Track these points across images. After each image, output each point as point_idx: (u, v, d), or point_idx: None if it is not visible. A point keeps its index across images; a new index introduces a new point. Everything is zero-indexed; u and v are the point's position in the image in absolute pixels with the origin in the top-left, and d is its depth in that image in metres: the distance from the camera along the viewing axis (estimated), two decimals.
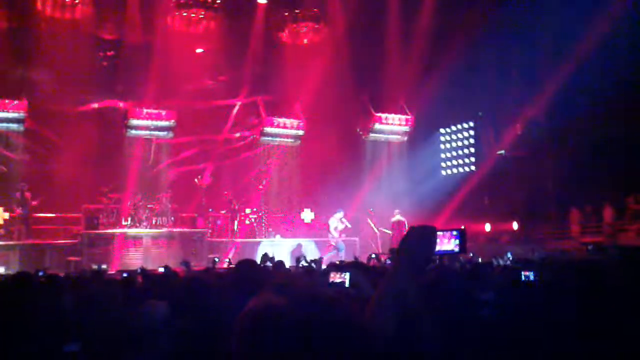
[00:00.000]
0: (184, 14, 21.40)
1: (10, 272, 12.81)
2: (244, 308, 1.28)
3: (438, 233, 2.11)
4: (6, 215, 17.92)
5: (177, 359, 2.88)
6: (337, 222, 19.20)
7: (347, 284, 3.47)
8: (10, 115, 18.50)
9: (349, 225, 19.39)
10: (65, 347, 2.94)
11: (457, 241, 2.26)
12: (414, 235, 2.01)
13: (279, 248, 18.59)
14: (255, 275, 3.86)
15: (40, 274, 9.23)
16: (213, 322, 2.98)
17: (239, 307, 1.44)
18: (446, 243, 2.26)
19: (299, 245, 19.25)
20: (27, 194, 17.87)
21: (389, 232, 20.00)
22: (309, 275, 6.54)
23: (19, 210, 17.71)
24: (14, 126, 18.78)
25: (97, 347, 2.29)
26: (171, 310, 3.08)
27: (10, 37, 19.24)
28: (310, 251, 18.68)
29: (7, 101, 18.34)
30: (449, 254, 2.31)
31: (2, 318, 3.31)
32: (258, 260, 14.29)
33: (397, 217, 19.96)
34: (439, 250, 2.17)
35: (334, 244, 19.21)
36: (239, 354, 1.12)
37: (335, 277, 3.52)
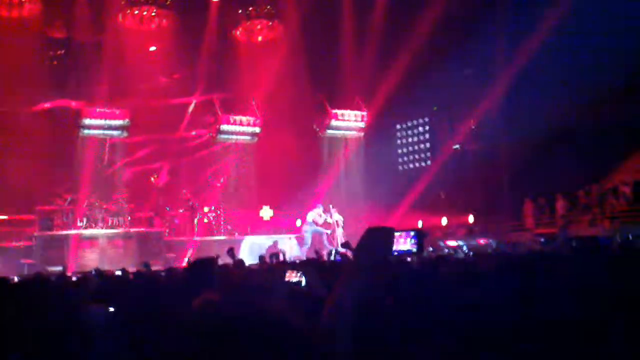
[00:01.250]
0: (136, 12, 21.08)
1: None
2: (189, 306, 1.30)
3: (396, 233, 2.13)
4: None
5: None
6: (315, 215, 19.21)
7: (303, 283, 3.51)
8: None
9: (330, 220, 19.41)
10: (10, 356, 2.89)
11: (414, 241, 2.31)
12: (372, 236, 2.03)
13: (255, 246, 18.67)
14: (209, 274, 3.86)
15: None
16: (167, 321, 2.98)
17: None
18: (403, 243, 2.31)
19: (275, 242, 19.20)
20: None
21: (327, 231, 19.94)
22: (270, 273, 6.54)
23: None
24: None
25: (40, 355, 2.27)
26: (124, 312, 3.08)
27: None
28: (291, 248, 18.78)
29: None
30: (407, 253, 2.36)
31: None
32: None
33: (335, 215, 19.91)
34: (396, 250, 2.21)
35: (305, 235, 19.23)
36: (181, 350, 1.14)
37: (292, 276, 3.57)
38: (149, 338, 2.92)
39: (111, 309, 3.31)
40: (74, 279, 8.99)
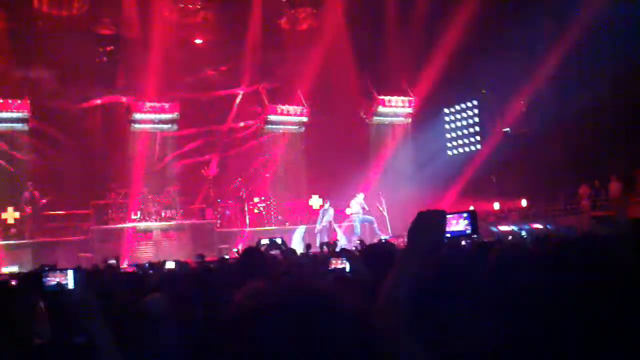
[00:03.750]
0: (181, 6, 21.33)
1: (24, 270, 12.88)
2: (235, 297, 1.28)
3: (448, 216, 2.09)
4: (17, 215, 18.02)
5: (183, 349, 2.92)
6: (357, 204, 19.16)
7: (347, 270, 3.52)
8: (14, 115, 18.58)
9: (367, 208, 19.33)
10: (74, 339, 2.99)
11: (467, 222, 2.25)
12: (423, 219, 2.00)
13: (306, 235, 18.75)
14: (259, 263, 3.87)
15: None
16: (219, 311, 3.00)
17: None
18: (455, 224, 2.25)
19: (320, 231, 19.19)
20: (36, 193, 17.96)
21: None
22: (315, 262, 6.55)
23: (28, 209, 17.80)
24: (18, 126, 18.85)
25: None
26: (178, 301, 3.12)
27: (9, 37, 19.28)
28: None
29: (10, 101, 18.42)
30: (460, 235, 2.30)
31: (17, 315, 3.35)
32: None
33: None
34: (449, 232, 2.16)
35: (354, 225, 19.19)
36: (231, 343, 1.13)
37: (336, 264, 3.57)
38: (202, 325, 2.96)
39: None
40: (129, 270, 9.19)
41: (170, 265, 5.80)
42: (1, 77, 19.33)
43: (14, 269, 15.35)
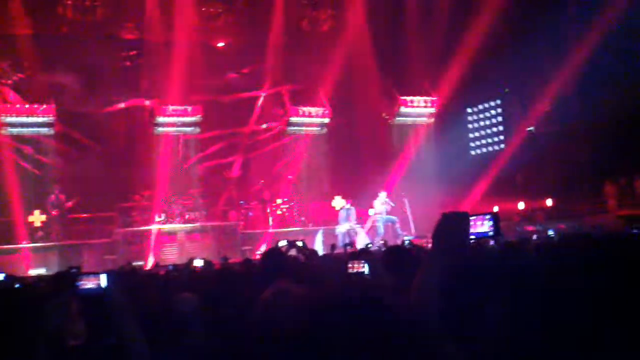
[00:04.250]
0: (203, 9, 21.48)
1: (51, 272, 13.05)
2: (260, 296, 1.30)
3: (471, 218, 2.11)
4: (43, 218, 18.27)
5: (210, 346, 2.95)
6: (380, 204, 19.09)
7: (366, 272, 3.51)
8: (40, 119, 18.86)
9: (393, 204, 19.18)
10: (106, 340, 3.04)
11: (491, 223, 2.26)
12: (447, 221, 2.02)
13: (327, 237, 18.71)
14: (280, 264, 3.89)
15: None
16: (243, 309, 3.03)
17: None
18: (480, 226, 2.26)
19: (348, 231, 19.13)
20: (62, 196, 18.20)
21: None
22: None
23: (54, 212, 18.04)
24: (44, 130, 19.13)
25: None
26: (204, 300, 3.17)
27: (34, 43, 19.50)
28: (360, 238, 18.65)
29: (36, 106, 18.71)
30: (484, 237, 2.31)
31: (50, 316, 3.40)
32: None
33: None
34: (473, 234, 2.17)
35: (377, 225, 19.12)
36: (257, 338, 1.14)
37: (356, 267, 3.56)
38: (231, 324, 2.99)
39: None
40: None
41: (198, 263, 5.99)
42: (27, 82, 19.67)
43: (42, 271, 15.58)
